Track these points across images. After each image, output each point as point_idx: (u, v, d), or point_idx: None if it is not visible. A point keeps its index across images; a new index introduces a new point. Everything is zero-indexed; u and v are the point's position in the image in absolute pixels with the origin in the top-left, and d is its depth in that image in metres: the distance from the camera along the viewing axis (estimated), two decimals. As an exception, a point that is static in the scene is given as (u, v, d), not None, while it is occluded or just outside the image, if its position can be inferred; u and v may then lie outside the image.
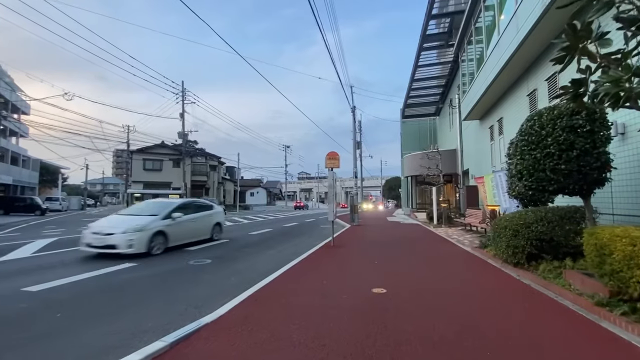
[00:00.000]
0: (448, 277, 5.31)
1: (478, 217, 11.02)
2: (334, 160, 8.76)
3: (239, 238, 11.47)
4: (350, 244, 9.27)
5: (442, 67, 22.58)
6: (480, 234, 10.54)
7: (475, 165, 16.61)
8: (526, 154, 4.87)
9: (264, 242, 10.31)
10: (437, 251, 7.88)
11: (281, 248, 9.02)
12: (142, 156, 33.80)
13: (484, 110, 13.75)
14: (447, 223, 13.98)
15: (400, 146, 35.60)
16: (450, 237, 10.41)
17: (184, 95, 33.27)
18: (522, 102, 9.83)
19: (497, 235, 5.78)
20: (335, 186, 8.84)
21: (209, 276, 5.82)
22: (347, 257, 7.26)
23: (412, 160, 25.29)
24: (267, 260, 7.25)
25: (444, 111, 27.12)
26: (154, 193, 33.10)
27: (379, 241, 9.94)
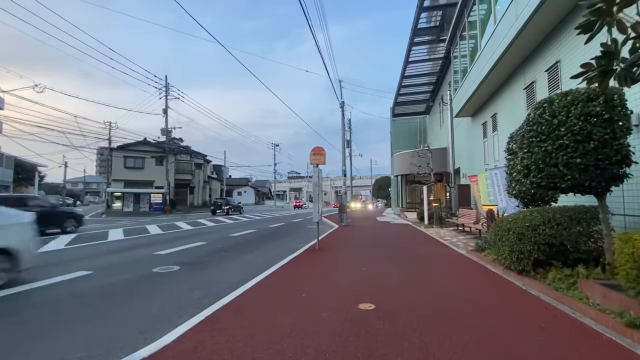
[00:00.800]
0: (445, 287, 4.65)
1: (472, 218, 10.48)
2: (319, 156, 8.05)
3: (219, 240, 10.64)
4: (337, 247, 8.57)
5: (432, 64, 22.13)
6: (474, 235, 9.99)
7: (467, 164, 16.15)
8: (535, 147, 4.25)
9: (243, 245, 9.51)
10: (431, 255, 7.25)
11: (261, 252, 8.25)
12: (123, 153, 32.36)
13: (477, 106, 13.26)
14: (439, 223, 13.44)
15: (390, 145, 35.17)
16: (443, 238, 9.83)
17: (167, 90, 32.07)
18: (519, 96, 9.31)
19: (499, 238, 5.16)
20: (321, 184, 8.13)
21: (171, 287, 5.02)
22: (332, 262, 6.55)
23: (402, 159, 24.80)
24: (242, 267, 6.48)
25: (434, 109, 26.74)
26: (135, 192, 31.78)
27: (367, 243, 9.27)
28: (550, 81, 7.48)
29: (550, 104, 4.26)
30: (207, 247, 9.14)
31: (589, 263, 4.45)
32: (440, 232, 11.40)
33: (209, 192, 41.25)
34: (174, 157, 34.19)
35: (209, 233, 12.86)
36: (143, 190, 32.00)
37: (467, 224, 10.22)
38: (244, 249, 8.68)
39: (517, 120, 9.70)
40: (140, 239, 11.13)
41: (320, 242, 9.16)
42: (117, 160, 32.13)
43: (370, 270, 5.68)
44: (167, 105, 31.97)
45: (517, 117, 9.52)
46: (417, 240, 9.70)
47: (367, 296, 4.08)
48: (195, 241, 10.25)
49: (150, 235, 12.02)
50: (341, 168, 16.32)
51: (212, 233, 12.86)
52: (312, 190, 7.79)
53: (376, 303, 3.81)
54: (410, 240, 9.75)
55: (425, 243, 9.13)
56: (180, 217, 25.55)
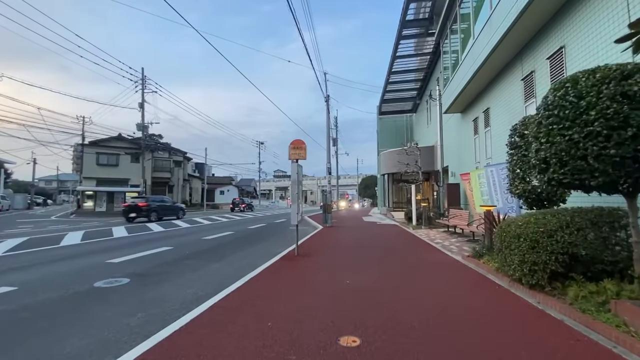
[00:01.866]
0: (448, 309, 3.82)
1: (464, 219, 9.80)
2: (299, 150, 7.13)
3: (188, 244, 9.56)
4: (319, 253, 7.67)
5: (420, 61, 21.54)
6: (467, 237, 9.30)
7: (455, 162, 15.57)
8: (556, 135, 3.46)
9: (215, 251, 8.49)
10: (423, 263, 6.45)
11: (233, 259, 7.26)
12: (96, 150, 30.42)
13: (468, 101, 12.63)
14: (427, 224, 12.76)
15: (377, 143, 34.63)
16: (434, 241, 9.09)
17: (143, 83, 30.36)
18: (515, 87, 8.65)
19: (506, 246, 4.38)
20: (300, 182, 7.21)
21: (106, 310, 3.99)
22: (310, 274, 5.64)
23: (389, 157, 24.16)
24: (205, 279, 5.49)
25: (421, 107, 26.24)
26: (108, 191, 29.98)
27: (353, 248, 8.41)
28: (553, 69, 6.81)
29: (574, 83, 3.48)
30: (172, 253, 8.07)
31: (614, 275, 3.72)
32: (430, 234, 10.69)
33: (189, 191, 39.59)
34: (150, 154, 32.47)
35: (180, 236, 11.73)
36: (117, 189, 30.22)
37: (460, 225, 9.53)
38: (214, 256, 7.66)
39: (513, 115, 9.08)
40: (99, 243, 9.91)
41: (301, 247, 8.25)
42: (89, 156, 30.21)
43: (356, 284, 4.80)
44: (143, 98, 30.26)
45: (512, 111, 8.88)
46: (406, 244, 8.92)
47: (351, 325, 3.20)
48: (161, 246, 9.15)
49: (112, 239, 10.80)
50: (326, 165, 15.42)
51: (183, 236, 11.74)
52: (291, 188, 6.85)
53: (362, 335, 2.93)
54: (399, 244, 8.96)
55: (415, 247, 8.35)
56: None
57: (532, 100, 7.73)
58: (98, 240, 10.56)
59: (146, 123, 30.80)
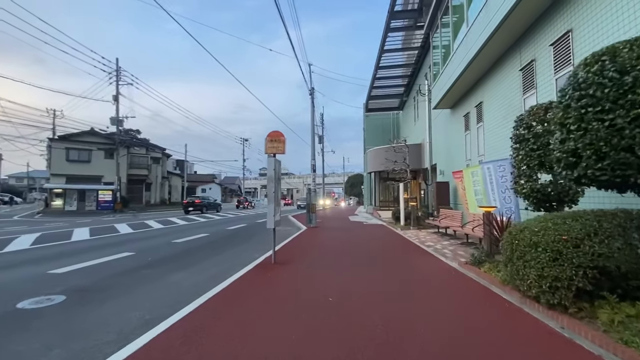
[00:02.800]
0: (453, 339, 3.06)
1: (456, 220, 9.18)
2: (277, 144, 6.26)
3: (153, 249, 8.55)
4: (299, 259, 6.84)
5: (407, 56, 20.98)
6: (460, 240, 8.68)
7: (444, 160, 15.03)
8: (592, 121, 2.75)
9: (181, 257, 7.53)
10: (417, 271, 5.72)
11: (199, 268, 6.33)
12: (65, 144, 28.47)
13: (459, 95, 12.05)
14: (416, 224, 12.14)
15: (363, 141, 34.06)
16: (425, 243, 8.41)
17: (118, 74, 28.69)
18: (512, 79, 8.06)
19: (519, 256, 3.67)
20: (278, 179, 6.35)
21: (21, 340, 3.04)
22: (286, 288, 4.81)
23: (376, 155, 23.55)
24: (159, 296, 4.56)
25: (408, 104, 25.77)
26: (79, 188, 28.17)
27: (337, 253, 7.62)
28: (558, 57, 6.20)
29: (612, 55, 2.78)
30: (131, 260, 7.06)
31: (649, 294, 3.07)
32: (419, 236, 10.03)
33: (168, 189, 37.91)
34: (126, 149, 30.77)
35: (149, 239, 10.65)
36: (89, 187, 28.46)
37: (452, 226, 8.89)
38: (179, 263, 6.71)
39: (509, 108, 8.49)
40: (52, 248, 8.75)
41: (280, 252, 7.41)
42: (58, 152, 28.26)
43: (340, 304, 4.00)
44: (117, 91, 28.59)
45: (508, 104, 8.29)
46: (396, 248, 8.20)
47: (332, 370, 2.39)
48: (122, 251, 8.11)
49: (68, 243, 9.62)
50: (310, 162, 14.58)
51: (152, 239, 10.66)
52: (267, 186, 5.97)
53: (347, 390, 2.12)
54: (388, 248, 8.23)
55: (406, 251, 7.64)
56: (131, 217, 22.68)
57: (532, 91, 7.13)
58: (51, 244, 9.37)
59: (121, 117, 29.15)
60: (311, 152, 14.51)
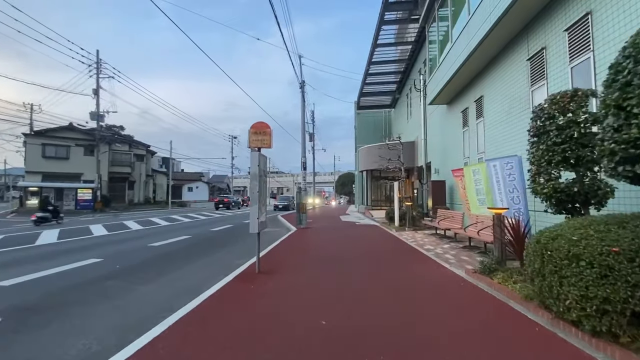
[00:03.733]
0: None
1: (456, 221, 8.59)
2: (262, 136, 5.50)
3: (125, 254, 7.69)
4: (287, 267, 6.12)
5: (401, 51, 20.43)
6: (461, 243, 8.09)
7: (439, 158, 14.51)
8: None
9: (155, 264, 6.71)
10: (420, 281, 5.06)
11: (172, 278, 5.54)
12: (42, 140, 26.95)
13: (457, 90, 11.49)
14: (412, 225, 11.54)
15: (355, 139, 33.48)
16: (423, 247, 7.80)
17: (98, 67, 27.33)
18: (518, 70, 7.49)
19: (553, 270, 3.04)
20: (264, 176, 5.61)
21: None
22: (269, 306, 4.08)
23: (368, 153, 22.96)
24: (116, 318, 3.78)
25: (400, 102, 25.28)
26: (57, 187, 26.72)
27: (329, 259, 6.92)
28: (574, 43, 5.62)
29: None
30: (97, 268, 6.22)
31: None
32: (416, 238, 9.42)
33: (152, 188, 36.57)
34: (107, 146, 29.41)
35: (124, 242, 9.75)
36: (67, 185, 27.04)
37: (453, 228, 8.28)
38: (151, 272, 5.91)
39: (513, 102, 7.90)
40: (8, 254, 7.78)
41: (266, 258, 6.68)
42: (34, 148, 26.74)
43: (333, 325, 3.30)
44: (98, 84, 27.24)
45: (513, 97, 7.72)
46: (393, 252, 7.55)
47: None
48: (90, 257, 7.24)
49: (29, 248, 8.66)
50: (300, 160, 13.81)
51: (127, 242, 9.77)
52: (250, 184, 5.19)
53: None
54: (385, 252, 7.58)
55: (404, 257, 6.99)
56: (111, 217, 21.53)
57: (542, 82, 6.56)
58: (10, 249, 8.39)
59: (102, 112, 27.80)
60: (301, 149, 13.76)
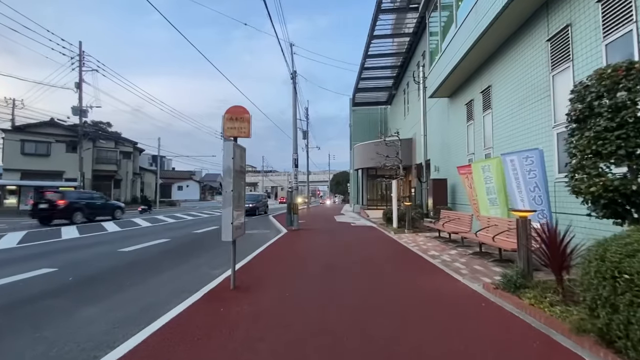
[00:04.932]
0: None
1: (464, 223, 7.71)
2: (239, 124, 4.52)
3: (87, 262, 6.67)
4: (268, 281, 5.16)
5: (398, 44, 19.60)
6: (469, 248, 7.21)
7: (439, 155, 13.67)
8: None
9: (116, 275, 5.72)
10: (430, 300, 4.15)
11: (128, 296, 4.56)
12: (20, 136, 25.56)
13: (460, 81, 10.63)
14: (411, 227, 10.66)
15: (350, 137, 32.59)
16: (427, 252, 6.91)
17: (81, 59, 25.93)
18: (536, 52, 6.62)
19: (631, 302, 2.14)
20: (241, 171, 4.65)
21: None
22: (238, 344, 3.13)
23: (364, 150, 22.09)
24: (34, 356, 2.80)
25: (397, 98, 24.45)
26: (36, 185, 25.34)
27: (321, 270, 5.98)
28: (609, 15, 4.76)
29: None
30: (44, 280, 5.20)
31: None
32: (417, 241, 8.54)
33: (140, 186, 35.28)
34: (91, 142, 28.09)
35: (92, 246, 8.71)
36: (48, 183, 25.63)
37: (460, 232, 7.40)
38: (106, 286, 4.91)
39: (529, 90, 6.92)
40: (-50, 262, 6.71)
41: (247, 268, 5.74)
42: (12, 144, 25.35)
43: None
44: (80, 77, 25.84)
45: (529, 84, 6.86)
46: (394, 259, 6.65)
47: None
48: (42, 266, 6.21)
49: (-21, 254, 7.58)
50: (292, 157, 12.83)
51: (96, 246, 8.72)
52: (223, 182, 4.17)
53: None
54: (385, 260, 6.66)
55: (407, 265, 6.08)
56: (92, 217, 20.28)
57: (566, 65, 5.69)
58: (-44, 256, 7.31)
59: (85, 106, 26.46)
60: (293, 145, 12.77)
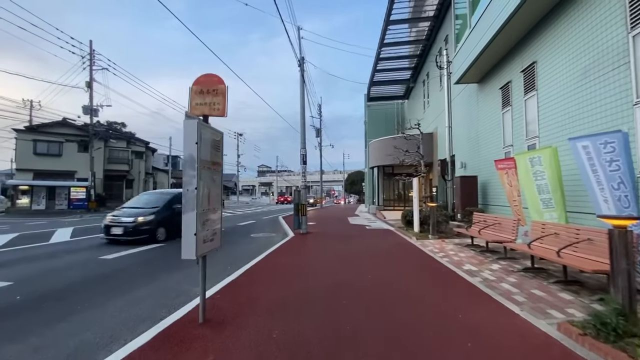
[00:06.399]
0: None
1: (505, 229, 6.24)
2: (212, 98, 3.30)
3: (56, 272, 5.68)
4: (255, 311, 3.93)
5: (417, 32, 18.09)
6: (514, 259, 5.76)
7: (466, 150, 12.13)
8: None
9: (79, 291, 4.66)
10: (484, 347, 2.80)
11: (67, 329, 3.44)
12: (32, 136, 25.55)
13: (492, 62, 9.11)
14: (436, 231, 9.21)
15: (364, 134, 31.15)
16: (461, 267, 5.52)
17: (92, 58, 25.71)
18: (606, 10, 5.11)
19: None
20: (218, 163, 3.46)
21: None
22: None
23: (380, 147, 20.63)
24: None
25: (415, 92, 22.85)
26: (48, 185, 25.28)
27: (328, 290, 4.72)
28: None
29: None
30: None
31: None
32: (446, 250, 7.14)
33: (153, 186, 35.02)
34: (102, 142, 27.86)
35: (71, 252, 7.78)
36: (59, 183, 25.56)
37: (504, 240, 5.93)
38: (50, 311, 3.84)
39: (595, 58, 5.22)
40: None
41: (234, 285, 4.55)
42: (24, 144, 25.34)
43: None
44: (91, 76, 25.62)
45: (595, 52, 5.35)
46: (421, 277, 5.29)
47: None
48: (1, 280, 5.24)
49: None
50: (300, 152, 11.57)
51: (76, 253, 7.78)
52: (183, 177, 2.99)
53: None
54: (410, 277, 5.33)
55: (441, 286, 4.73)
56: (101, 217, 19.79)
57: (659, 17, 4.18)
58: None
59: (95, 106, 26.21)
60: (301, 139, 11.49)
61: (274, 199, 59.06)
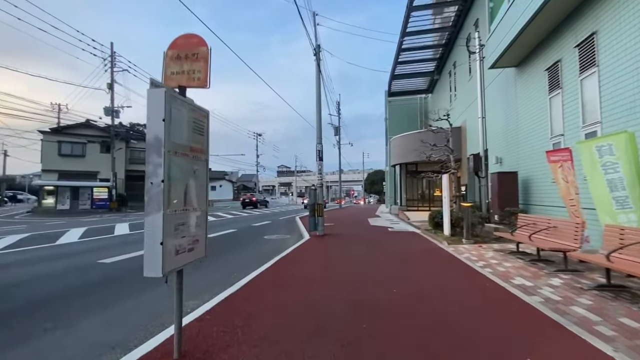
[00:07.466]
0: None
1: (563, 235, 5.09)
2: (189, 64, 2.53)
3: (54, 277, 5.15)
4: (246, 344, 3.10)
5: (442, 19, 16.83)
6: (577, 272, 4.64)
7: (502, 143, 10.88)
8: None
9: (56, 303, 4.04)
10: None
11: (31, 350, 2.75)
12: (57, 138, 26.19)
13: (538, 38, 7.90)
14: (470, 235, 8.09)
15: (385, 131, 29.95)
16: (509, 280, 4.48)
17: (112, 60, 26.08)
18: None
19: None
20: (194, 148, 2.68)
21: None
22: None
23: (402, 143, 19.46)
24: None
25: (441, 84, 21.50)
26: (72, 185, 25.85)
27: (346, 308, 3.84)
28: None
29: None
30: None
31: None
32: (486, 258, 6.06)
33: (173, 186, 35.33)
34: (124, 143, 28.24)
35: (75, 255, 7.31)
36: (83, 184, 26.10)
37: (566, 249, 4.81)
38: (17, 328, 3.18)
39: None
40: None
41: (231, 301, 3.76)
42: (50, 146, 26.02)
43: None
44: (112, 78, 25.99)
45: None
46: (461, 296, 4.29)
47: None
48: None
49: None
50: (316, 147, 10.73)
51: (79, 255, 7.31)
52: (146, 166, 2.28)
53: None
54: (446, 295, 4.34)
55: (489, 308, 3.72)
56: (119, 217, 19.87)
57: None
58: None
59: (117, 107, 26.56)
60: (316, 133, 10.63)
61: (293, 199, 58.82)
